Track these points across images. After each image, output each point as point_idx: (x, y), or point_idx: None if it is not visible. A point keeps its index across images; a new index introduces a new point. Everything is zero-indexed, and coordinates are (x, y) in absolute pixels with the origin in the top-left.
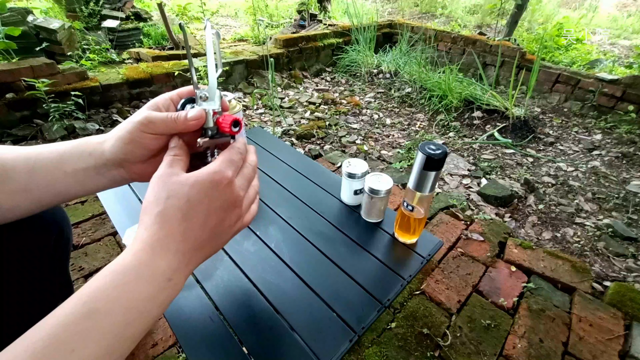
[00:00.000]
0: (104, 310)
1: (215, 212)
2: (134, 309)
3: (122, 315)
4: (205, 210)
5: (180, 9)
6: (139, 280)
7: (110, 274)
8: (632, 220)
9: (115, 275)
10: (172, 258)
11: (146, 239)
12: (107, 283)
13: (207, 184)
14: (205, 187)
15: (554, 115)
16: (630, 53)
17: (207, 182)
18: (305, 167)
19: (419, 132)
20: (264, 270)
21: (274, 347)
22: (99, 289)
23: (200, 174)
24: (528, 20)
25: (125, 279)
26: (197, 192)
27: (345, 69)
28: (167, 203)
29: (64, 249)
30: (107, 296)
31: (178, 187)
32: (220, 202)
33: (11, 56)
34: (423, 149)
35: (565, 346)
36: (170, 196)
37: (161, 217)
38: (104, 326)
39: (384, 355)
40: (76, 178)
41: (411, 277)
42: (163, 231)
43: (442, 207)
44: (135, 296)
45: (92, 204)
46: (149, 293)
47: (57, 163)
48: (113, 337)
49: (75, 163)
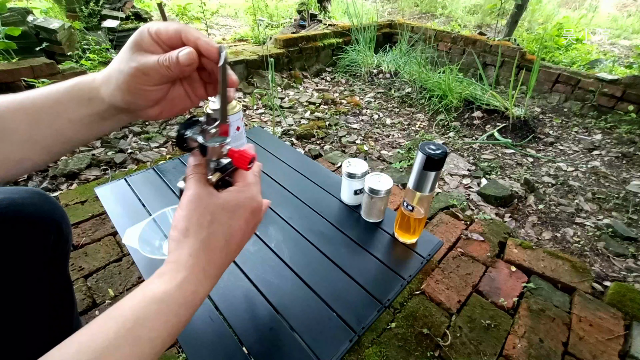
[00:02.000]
0: (148, 337)
1: (248, 233)
2: (172, 334)
3: (162, 340)
4: (242, 234)
5: (180, 9)
6: (181, 308)
7: (156, 303)
8: (632, 220)
9: (160, 305)
10: (209, 283)
11: (193, 268)
12: (153, 312)
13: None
14: (246, 214)
15: (554, 115)
16: (630, 53)
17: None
18: (305, 167)
19: (419, 132)
20: (264, 270)
21: (274, 347)
22: (145, 318)
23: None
24: (528, 20)
25: (170, 309)
26: (238, 219)
27: (345, 69)
28: (211, 229)
29: (63, 248)
30: (152, 325)
31: (220, 213)
32: (253, 224)
33: (11, 56)
34: (423, 149)
35: (565, 346)
36: (214, 221)
37: (206, 244)
38: (145, 352)
39: (384, 355)
40: (82, 124)
41: (411, 277)
42: (206, 258)
43: (442, 207)
44: (176, 322)
45: (92, 204)
46: (187, 318)
47: (58, 111)
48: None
49: (77, 110)
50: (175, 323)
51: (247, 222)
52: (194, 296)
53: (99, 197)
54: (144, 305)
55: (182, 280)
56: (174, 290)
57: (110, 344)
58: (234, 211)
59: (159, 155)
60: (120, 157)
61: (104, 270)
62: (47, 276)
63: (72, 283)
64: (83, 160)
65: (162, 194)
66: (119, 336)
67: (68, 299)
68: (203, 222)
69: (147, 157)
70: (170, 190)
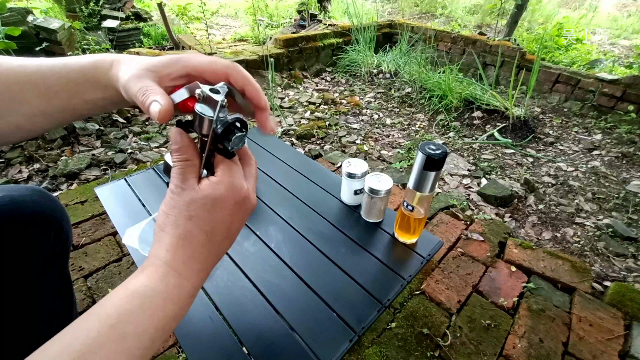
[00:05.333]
0: (134, 333)
1: (235, 224)
2: (160, 328)
3: (149, 336)
4: (227, 227)
5: (180, 9)
6: (166, 302)
7: (139, 298)
8: (632, 220)
9: (143, 299)
10: (195, 277)
11: (171, 262)
12: (136, 307)
13: (230, 203)
14: (229, 206)
15: (554, 115)
16: (630, 53)
17: (230, 201)
18: (305, 167)
19: (419, 132)
20: (264, 270)
21: (274, 347)
22: (129, 313)
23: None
24: (528, 20)
25: (154, 303)
26: (220, 212)
27: (345, 69)
28: (189, 225)
29: (64, 245)
30: (136, 320)
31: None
32: (240, 215)
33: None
34: (423, 149)
35: (565, 346)
36: (192, 217)
37: (184, 240)
38: (132, 348)
39: (384, 355)
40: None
41: (411, 277)
42: (187, 253)
43: (442, 207)
44: (162, 316)
45: (92, 204)
46: (175, 312)
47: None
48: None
49: (93, 93)
50: (161, 317)
51: (232, 214)
52: (179, 290)
53: (99, 197)
54: (126, 300)
55: (163, 274)
56: (156, 284)
57: (93, 342)
58: (214, 205)
59: (159, 155)
60: (120, 157)
61: (104, 270)
62: (47, 274)
63: (72, 283)
64: (83, 160)
65: (162, 194)
66: (102, 334)
67: (68, 298)
68: (179, 217)
69: (147, 157)
70: None
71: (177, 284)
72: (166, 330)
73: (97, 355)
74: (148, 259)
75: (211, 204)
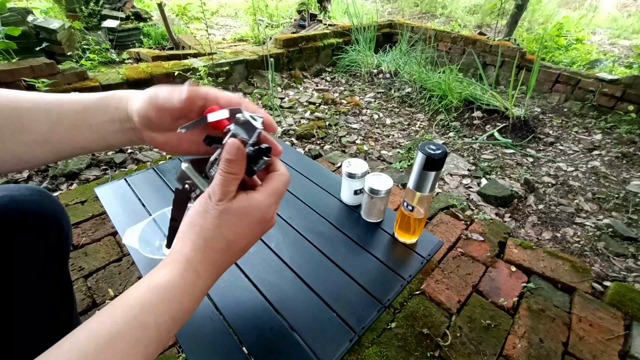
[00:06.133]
0: (154, 322)
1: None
2: (176, 319)
3: (167, 326)
4: (247, 241)
5: (180, 9)
6: (183, 295)
7: (160, 290)
8: (632, 220)
9: (163, 292)
10: (209, 279)
11: (192, 260)
12: (157, 298)
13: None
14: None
15: (554, 115)
16: (630, 53)
17: (257, 218)
18: (305, 167)
19: (419, 132)
20: (264, 270)
21: (274, 347)
22: (150, 304)
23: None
24: (528, 20)
25: (172, 295)
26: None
27: (345, 69)
28: (216, 232)
29: (64, 245)
30: (156, 311)
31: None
32: (260, 233)
33: (11, 56)
34: (423, 149)
35: (565, 346)
36: (221, 225)
37: (208, 243)
38: (150, 337)
39: (384, 355)
40: (99, 132)
41: (411, 277)
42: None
43: (442, 207)
44: (178, 308)
45: (92, 204)
46: (189, 307)
47: (82, 115)
48: (157, 344)
49: (100, 116)
50: (178, 310)
51: (253, 229)
52: (194, 287)
53: (99, 197)
54: (148, 293)
55: (184, 270)
56: (176, 279)
57: (119, 329)
58: (242, 218)
59: (159, 155)
60: (120, 157)
61: (104, 270)
62: (47, 273)
63: (72, 283)
64: (83, 160)
65: (162, 194)
66: (127, 322)
67: (68, 298)
68: (209, 222)
69: (147, 157)
70: (170, 190)
71: (194, 281)
72: (179, 323)
73: (121, 341)
74: (170, 254)
75: (241, 217)
